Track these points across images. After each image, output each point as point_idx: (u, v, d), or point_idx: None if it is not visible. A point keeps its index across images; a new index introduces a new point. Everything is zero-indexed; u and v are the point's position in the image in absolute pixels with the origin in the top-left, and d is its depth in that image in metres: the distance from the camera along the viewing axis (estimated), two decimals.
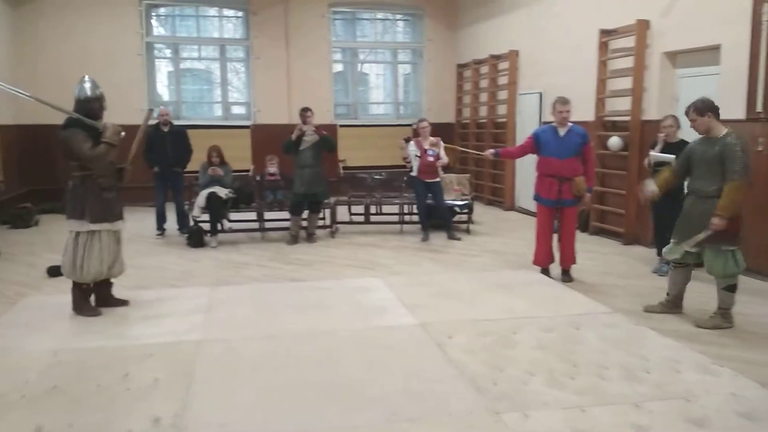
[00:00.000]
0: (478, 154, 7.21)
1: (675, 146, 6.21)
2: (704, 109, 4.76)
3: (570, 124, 6.14)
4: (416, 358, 4.17)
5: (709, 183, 4.73)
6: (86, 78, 5.10)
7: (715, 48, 6.65)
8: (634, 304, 5.39)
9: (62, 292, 5.49)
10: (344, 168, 11.50)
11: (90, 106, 4.98)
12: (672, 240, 5.04)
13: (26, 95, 5.31)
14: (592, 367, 3.97)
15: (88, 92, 4.99)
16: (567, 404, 3.47)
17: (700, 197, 4.79)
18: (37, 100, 5.26)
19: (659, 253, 6.60)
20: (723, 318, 4.83)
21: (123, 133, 5.05)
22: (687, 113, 4.88)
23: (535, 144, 6.26)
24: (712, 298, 4.97)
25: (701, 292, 5.37)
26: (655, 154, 6.22)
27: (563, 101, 6.10)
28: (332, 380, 3.80)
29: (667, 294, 5.10)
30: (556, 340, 4.45)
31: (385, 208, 9.35)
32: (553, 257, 6.36)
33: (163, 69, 12.82)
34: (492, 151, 6.83)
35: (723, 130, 4.75)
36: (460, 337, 4.51)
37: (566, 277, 6.29)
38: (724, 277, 4.75)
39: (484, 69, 11.87)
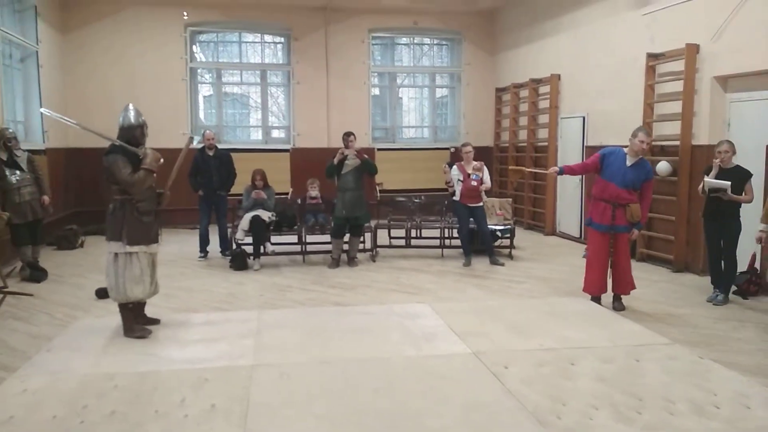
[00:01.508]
0: (544, 173, 7.06)
1: (730, 172, 6.08)
2: None
3: (641, 156, 6.02)
4: (473, 388, 4.07)
5: None
6: (130, 106, 5.30)
7: None
8: (692, 335, 5.22)
9: (112, 314, 5.54)
10: (381, 191, 11.51)
11: (133, 133, 5.15)
12: None
13: (72, 123, 5.56)
14: (658, 401, 3.83)
15: (132, 120, 5.18)
16: None
17: None
18: (82, 127, 5.50)
19: (713, 281, 6.42)
20: None
21: (161, 160, 5.21)
22: None
23: (600, 164, 6.09)
24: None
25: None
26: (710, 180, 6.08)
27: (647, 132, 5.99)
28: (390, 409, 3.73)
29: None
30: (616, 372, 4.31)
31: (425, 232, 9.29)
32: (606, 285, 6.19)
33: (205, 93, 13.05)
34: (556, 168, 6.57)
35: None
36: (516, 367, 4.40)
37: (618, 304, 6.12)
38: None
39: (524, 93, 11.82)
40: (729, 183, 5.90)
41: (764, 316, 5.13)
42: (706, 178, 6.15)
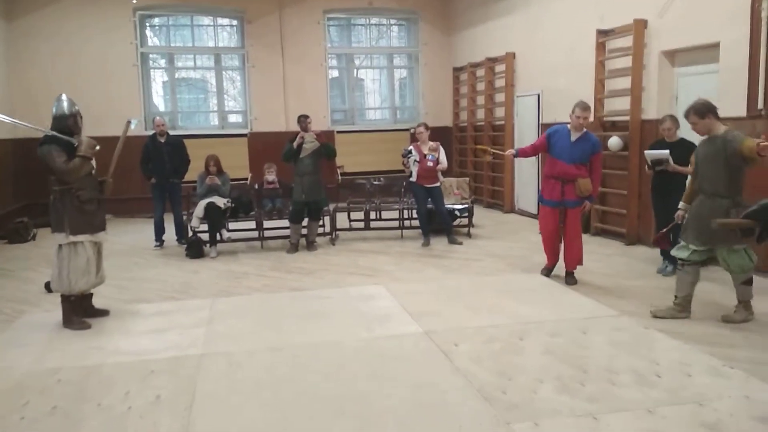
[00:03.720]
0: (502, 153, 7.13)
1: (675, 145, 6.18)
2: (704, 111, 4.78)
3: (585, 130, 6.09)
4: (423, 368, 4.10)
5: (715, 181, 4.76)
6: (63, 96, 5.25)
7: (714, 45, 6.61)
8: (640, 306, 5.32)
9: (61, 307, 5.41)
10: (342, 174, 11.43)
11: (66, 123, 5.11)
12: (680, 239, 5.02)
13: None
14: (602, 373, 3.90)
15: (65, 109, 5.13)
16: (579, 412, 3.41)
17: (708, 196, 4.81)
18: (10, 121, 5.68)
19: (662, 253, 6.55)
20: (746, 310, 4.88)
21: (98, 147, 5.14)
22: (687, 116, 4.87)
23: (547, 142, 6.19)
24: (721, 297, 4.92)
25: (712, 292, 5.32)
26: (649, 152, 6.19)
27: (584, 107, 6.03)
28: (340, 393, 3.73)
29: (675, 297, 5.04)
30: (563, 345, 4.39)
31: (385, 214, 9.28)
32: (557, 255, 6.33)
33: (158, 79, 12.76)
34: (512, 150, 6.69)
35: (722, 128, 4.81)
36: (466, 345, 4.44)
37: (570, 279, 6.21)
38: (741, 272, 4.79)
39: (481, 72, 11.83)
40: (667, 152, 5.99)
41: (713, 285, 5.27)
42: (645, 152, 6.28)
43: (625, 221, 7.97)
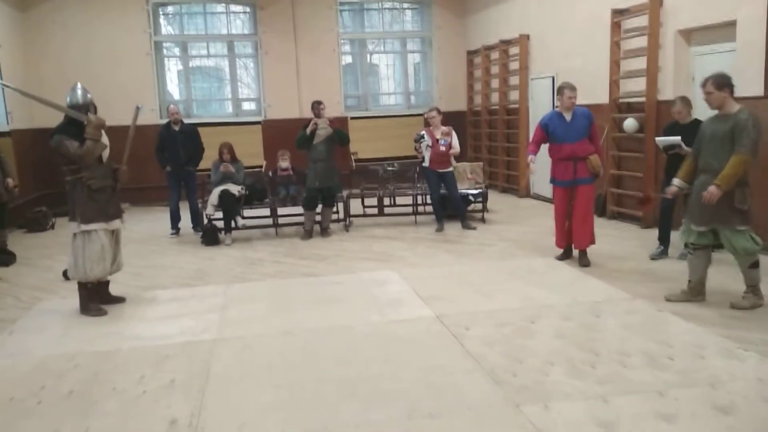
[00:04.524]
0: (531, 172, 6.64)
1: (688, 127, 6.06)
2: (723, 83, 4.64)
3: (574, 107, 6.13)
4: (434, 351, 4.11)
5: (721, 160, 4.58)
6: (78, 85, 5.30)
7: (731, 24, 6.48)
8: (654, 290, 5.27)
9: (78, 294, 5.50)
10: (356, 160, 11.45)
11: (80, 112, 5.13)
12: (684, 220, 4.93)
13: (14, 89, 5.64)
14: (613, 355, 3.88)
15: (79, 99, 5.18)
16: (589, 394, 3.40)
17: (713, 175, 4.61)
18: (22, 92, 6.14)
19: (659, 236, 6.44)
20: (756, 295, 4.75)
21: (105, 124, 5.17)
22: (704, 85, 4.73)
23: (545, 133, 6.24)
24: (735, 280, 4.86)
25: (726, 275, 5.26)
26: (660, 139, 6.09)
27: (572, 87, 6.11)
28: (350, 376, 3.76)
29: (689, 281, 4.97)
30: (575, 329, 4.37)
31: (399, 200, 9.27)
32: (570, 238, 6.31)
33: (172, 68, 12.81)
34: (532, 158, 6.38)
35: (736, 107, 4.64)
36: (477, 329, 4.44)
37: (584, 260, 6.20)
38: (746, 255, 4.65)
39: (495, 55, 11.72)
40: (678, 138, 5.88)
41: (729, 268, 5.19)
42: (656, 138, 6.17)
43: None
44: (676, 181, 5.05)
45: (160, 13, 12.35)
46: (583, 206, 6.16)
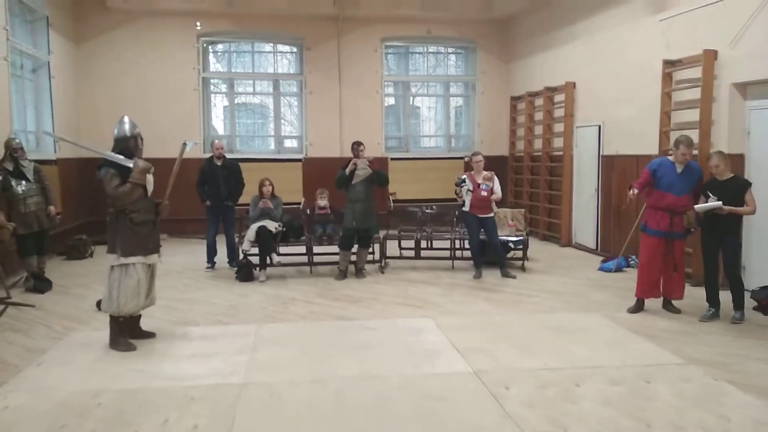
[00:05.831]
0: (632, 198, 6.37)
1: (727, 184, 5.78)
2: None
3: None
4: (471, 411, 3.88)
5: None
6: (125, 118, 5.35)
7: None
8: (707, 354, 4.94)
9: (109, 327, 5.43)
10: (394, 201, 11.34)
11: (126, 145, 5.21)
12: None
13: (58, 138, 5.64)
14: (667, 428, 3.59)
15: (127, 131, 5.23)
16: None
17: None
18: (70, 142, 5.58)
19: (708, 298, 6.09)
20: None
21: (152, 170, 5.20)
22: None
23: (652, 177, 6.19)
24: None
25: None
26: (700, 206, 5.83)
27: (689, 144, 6.08)
28: None
29: None
30: (624, 395, 4.08)
31: (436, 243, 9.09)
32: (659, 289, 6.28)
33: (218, 103, 13.04)
34: (635, 190, 6.24)
35: None
36: (517, 388, 4.19)
37: (672, 308, 6.27)
38: None
39: (539, 101, 11.59)
40: (719, 203, 5.62)
41: None
42: (695, 207, 5.90)
43: (692, 261, 7.52)
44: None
45: (210, 50, 12.63)
46: (679, 258, 6.19)
